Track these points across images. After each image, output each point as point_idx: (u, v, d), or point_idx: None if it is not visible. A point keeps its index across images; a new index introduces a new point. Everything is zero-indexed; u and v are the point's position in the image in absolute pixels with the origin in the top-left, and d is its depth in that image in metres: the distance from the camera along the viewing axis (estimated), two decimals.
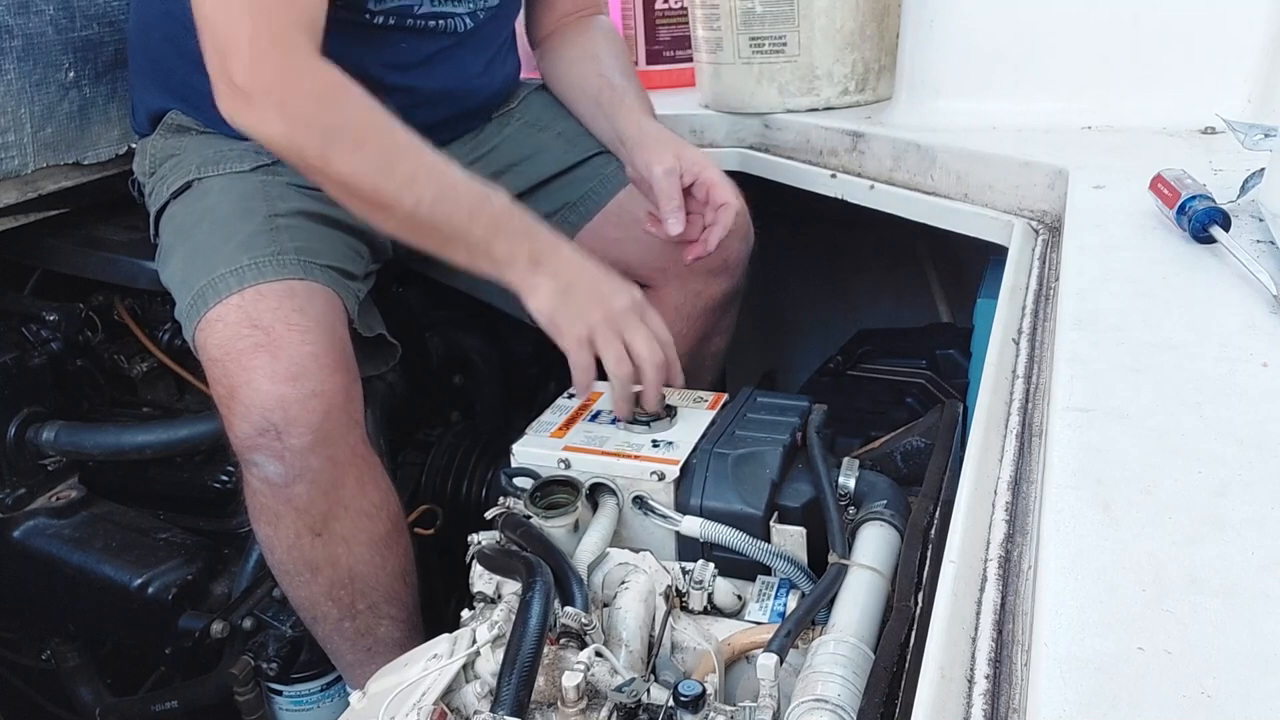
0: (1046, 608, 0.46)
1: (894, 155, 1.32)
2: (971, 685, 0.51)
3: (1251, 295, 0.75)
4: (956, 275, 1.89)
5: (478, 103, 1.33)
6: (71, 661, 1.39)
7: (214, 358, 1.01)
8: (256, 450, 0.99)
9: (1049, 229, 1.07)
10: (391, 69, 1.20)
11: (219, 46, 0.99)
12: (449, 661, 0.80)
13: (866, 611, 0.83)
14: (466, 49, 1.26)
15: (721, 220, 1.18)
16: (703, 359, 1.40)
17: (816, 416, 1.07)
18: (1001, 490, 0.65)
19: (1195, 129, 1.20)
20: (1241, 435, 0.57)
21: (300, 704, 1.28)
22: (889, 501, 0.96)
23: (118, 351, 1.45)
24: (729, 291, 1.35)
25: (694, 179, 1.17)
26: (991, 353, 0.84)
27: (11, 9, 1.24)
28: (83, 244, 1.39)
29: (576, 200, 1.32)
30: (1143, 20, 1.21)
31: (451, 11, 1.22)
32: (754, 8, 1.43)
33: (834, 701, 0.71)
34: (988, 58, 1.28)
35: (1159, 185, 0.91)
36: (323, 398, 0.99)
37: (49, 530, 1.30)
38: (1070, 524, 0.51)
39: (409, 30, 1.19)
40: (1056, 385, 0.65)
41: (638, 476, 0.97)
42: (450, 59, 1.25)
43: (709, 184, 1.17)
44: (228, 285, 1.03)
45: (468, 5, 1.23)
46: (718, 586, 0.92)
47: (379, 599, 1.11)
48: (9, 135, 1.26)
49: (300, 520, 1.04)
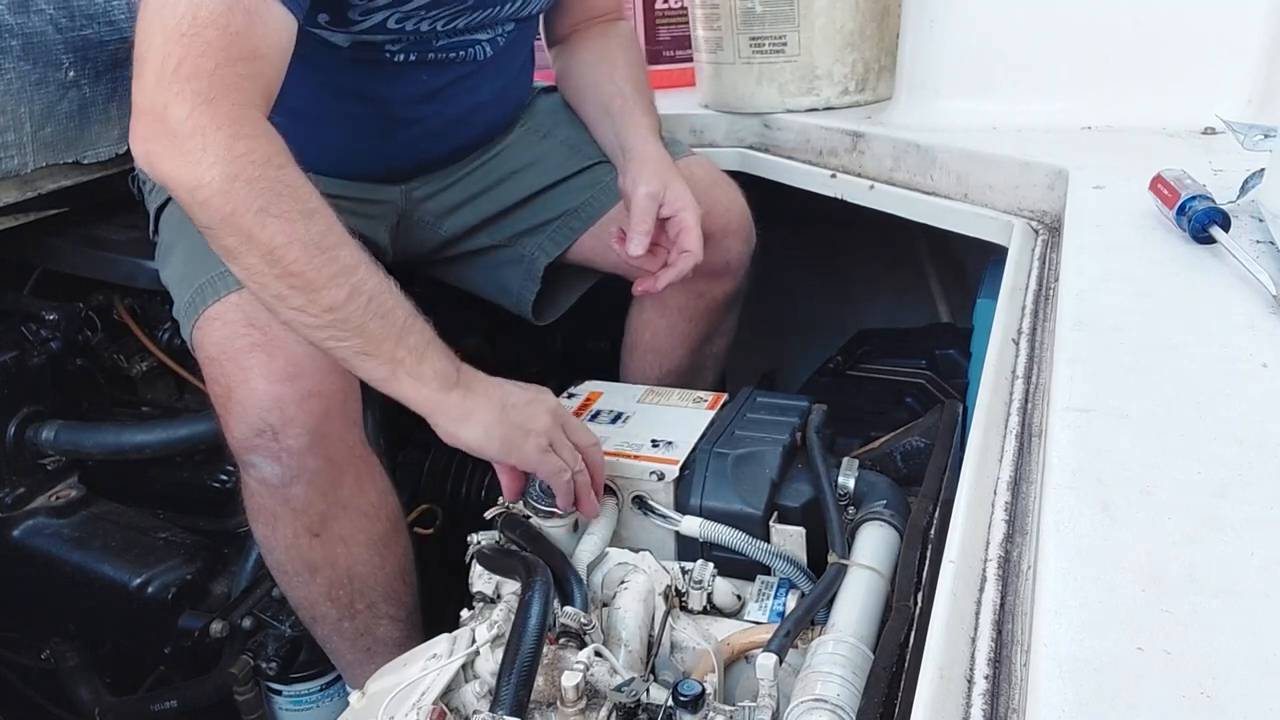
0: (1046, 608, 0.45)
1: (894, 155, 1.32)
2: (971, 685, 0.51)
3: (1251, 296, 0.75)
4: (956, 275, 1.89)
5: (488, 124, 1.32)
6: (71, 661, 1.39)
7: (211, 356, 1.01)
8: (254, 451, 0.99)
9: (1049, 229, 1.07)
10: (409, 103, 1.19)
11: (154, 71, 0.86)
12: (448, 661, 0.80)
13: (866, 611, 0.83)
14: (485, 74, 1.25)
15: (679, 266, 1.14)
16: (704, 360, 1.40)
17: (816, 416, 1.07)
18: (1001, 490, 0.65)
19: (1195, 129, 1.20)
20: (1241, 435, 0.57)
21: (299, 704, 1.28)
22: (889, 501, 0.96)
23: (117, 351, 1.45)
24: (731, 293, 1.35)
25: (672, 213, 1.14)
26: (991, 353, 0.84)
27: (11, 8, 1.24)
28: (82, 243, 1.39)
29: (577, 207, 1.31)
30: (1143, 21, 1.21)
31: (472, 40, 1.19)
32: (754, 8, 1.43)
33: (833, 701, 0.71)
34: (988, 58, 1.28)
35: (1159, 185, 0.91)
36: (320, 398, 0.99)
37: (48, 530, 1.30)
38: (1070, 524, 0.51)
39: (429, 64, 1.18)
40: (1056, 385, 0.65)
41: (637, 476, 0.97)
42: (468, 85, 1.23)
43: (682, 226, 1.14)
44: (226, 283, 1.02)
45: (489, 31, 1.20)
46: (717, 586, 0.92)
47: (378, 599, 1.11)
48: (8, 134, 1.26)
49: (298, 521, 1.04)
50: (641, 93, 1.29)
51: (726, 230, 1.29)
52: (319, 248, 0.87)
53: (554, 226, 1.32)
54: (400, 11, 1.08)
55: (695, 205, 1.15)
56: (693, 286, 1.31)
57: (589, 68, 1.33)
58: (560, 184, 1.33)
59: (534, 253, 1.32)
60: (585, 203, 1.32)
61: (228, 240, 0.87)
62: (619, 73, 1.30)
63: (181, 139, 0.84)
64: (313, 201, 0.88)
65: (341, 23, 1.07)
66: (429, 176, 1.31)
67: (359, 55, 1.13)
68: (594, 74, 1.32)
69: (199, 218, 0.87)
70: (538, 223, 1.32)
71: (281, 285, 0.87)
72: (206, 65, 0.85)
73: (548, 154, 1.35)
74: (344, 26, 1.08)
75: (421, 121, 1.22)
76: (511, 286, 1.35)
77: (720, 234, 1.28)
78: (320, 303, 0.87)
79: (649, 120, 1.26)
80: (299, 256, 0.86)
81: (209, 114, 0.84)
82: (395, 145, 1.22)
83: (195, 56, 0.85)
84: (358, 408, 1.05)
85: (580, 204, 1.32)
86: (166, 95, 0.84)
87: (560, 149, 1.35)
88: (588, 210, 1.31)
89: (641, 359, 1.38)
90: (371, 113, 1.18)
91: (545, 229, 1.32)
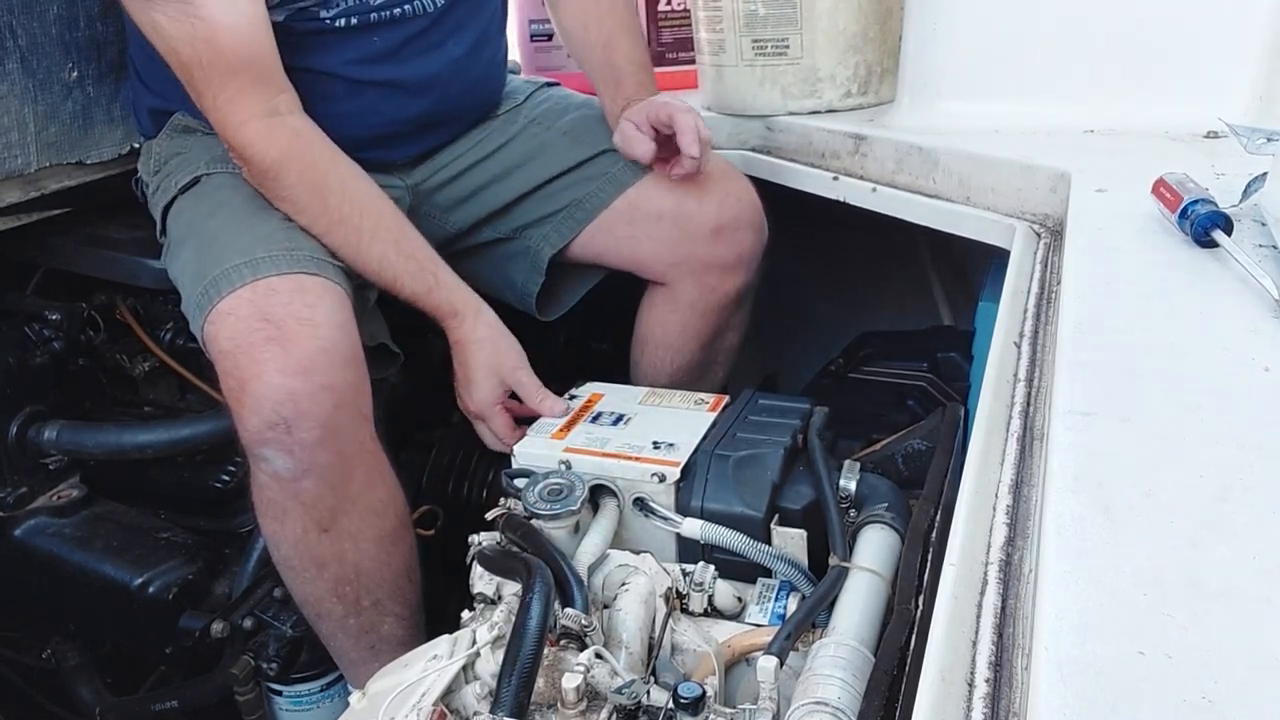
0: (1047, 611, 0.45)
1: (896, 158, 1.32)
2: (972, 689, 0.51)
3: (1253, 299, 0.75)
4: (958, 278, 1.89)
5: (467, 87, 1.31)
6: (72, 660, 1.39)
7: (224, 350, 1.01)
8: (266, 444, 0.99)
9: (1051, 232, 1.07)
10: (360, 64, 1.19)
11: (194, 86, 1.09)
12: (449, 662, 0.80)
13: (867, 614, 0.83)
14: (443, 30, 1.24)
15: (684, 162, 1.22)
16: (716, 354, 1.40)
17: (818, 419, 1.07)
18: (1002, 493, 0.65)
19: (1198, 133, 1.20)
20: (1243, 439, 0.57)
21: (300, 704, 1.28)
22: (890, 504, 0.96)
23: (120, 351, 1.45)
24: (742, 287, 1.34)
25: (666, 116, 1.21)
26: (993, 356, 0.84)
27: (16, 8, 1.24)
28: (85, 243, 1.40)
29: (583, 198, 1.32)
30: (1145, 24, 1.20)
31: None
32: (757, 10, 1.43)
33: (834, 704, 0.71)
34: (990, 60, 1.28)
35: (1161, 189, 0.91)
36: (332, 392, 0.99)
37: (50, 529, 1.30)
38: (1071, 528, 0.51)
39: (373, 26, 1.18)
40: (1058, 389, 0.65)
41: (638, 478, 0.97)
42: (426, 44, 1.23)
43: (677, 126, 1.21)
44: (240, 275, 1.03)
45: None
46: (718, 588, 0.92)
47: (384, 596, 1.11)
48: (13, 134, 1.26)
49: (308, 515, 1.04)
50: (626, 29, 1.34)
51: (739, 222, 1.29)
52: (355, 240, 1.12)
53: (559, 218, 1.32)
54: None
55: (686, 106, 1.22)
56: (704, 281, 1.31)
57: (578, 15, 1.35)
58: (564, 175, 1.33)
59: (539, 244, 1.33)
60: (590, 194, 1.32)
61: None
62: (619, 11, 1.34)
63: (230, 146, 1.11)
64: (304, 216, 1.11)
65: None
66: (430, 163, 1.32)
67: (300, 27, 1.13)
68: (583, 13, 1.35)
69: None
70: (543, 214, 1.32)
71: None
72: (209, 102, 1.08)
73: (550, 145, 1.35)
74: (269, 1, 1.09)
75: (384, 84, 1.21)
76: (516, 279, 1.35)
77: (732, 226, 1.28)
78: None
79: (638, 56, 1.33)
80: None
81: (228, 143, 1.11)
82: (370, 111, 1.22)
83: (200, 98, 1.08)
84: (368, 403, 1.05)
85: (585, 195, 1.32)
86: (211, 120, 1.10)
87: (563, 140, 1.35)
88: (592, 201, 1.31)
89: (653, 354, 1.38)
90: (332, 81, 1.18)
91: (550, 220, 1.32)
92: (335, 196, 1.11)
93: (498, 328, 1.18)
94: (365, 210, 1.13)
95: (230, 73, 1.05)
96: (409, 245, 1.15)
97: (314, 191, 1.10)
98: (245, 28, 1.05)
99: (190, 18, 1.02)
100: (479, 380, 1.15)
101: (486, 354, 1.15)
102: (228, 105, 1.07)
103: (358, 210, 1.12)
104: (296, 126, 1.11)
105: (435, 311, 1.16)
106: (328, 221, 1.11)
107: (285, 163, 1.09)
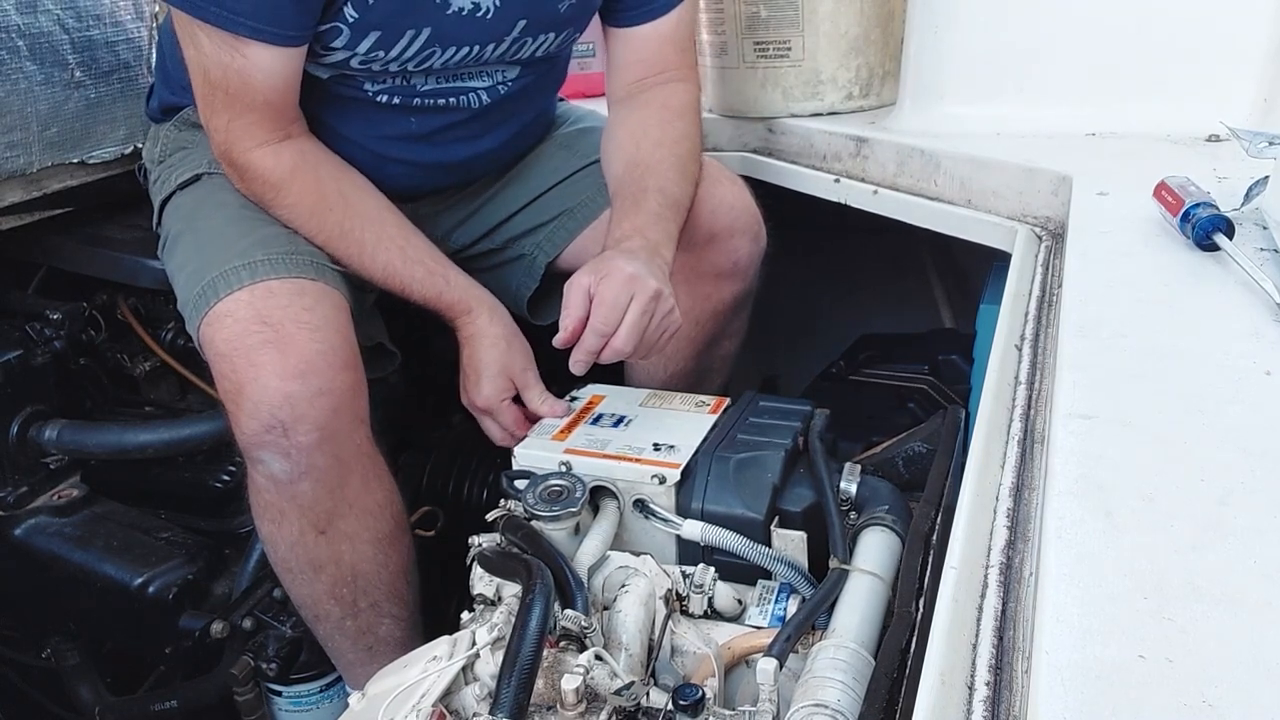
0: (1047, 614, 0.45)
1: (898, 160, 1.32)
2: (972, 692, 0.51)
3: (1255, 303, 0.75)
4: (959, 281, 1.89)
5: (488, 166, 1.31)
6: (71, 660, 1.39)
7: (222, 353, 1.01)
8: (263, 447, 0.99)
9: (1052, 235, 1.07)
10: (391, 140, 1.19)
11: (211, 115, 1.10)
12: (448, 663, 0.80)
13: (867, 617, 0.83)
14: (485, 123, 1.23)
15: (585, 344, 1.04)
16: (711, 362, 1.39)
17: (818, 421, 1.06)
18: (1003, 496, 0.65)
19: (1199, 136, 1.20)
20: (1244, 443, 0.57)
21: (299, 704, 1.28)
22: (890, 507, 0.95)
23: (121, 350, 1.45)
24: (739, 294, 1.32)
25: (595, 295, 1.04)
26: (994, 359, 0.84)
27: (18, 8, 1.24)
28: (87, 242, 1.40)
29: (574, 207, 1.31)
30: (1147, 27, 1.21)
31: (465, 88, 1.17)
32: (759, 13, 1.43)
33: (834, 707, 0.71)
34: (992, 63, 1.28)
35: (1163, 192, 0.91)
36: (330, 395, 0.99)
37: (50, 529, 1.30)
38: (1072, 531, 0.51)
39: (415, 109, 1.18)
40: (1059, 392, 0.65)
41: (639, 480, 0.97)
42: (463, 134, 1.22)
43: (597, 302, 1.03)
44: (239, 278, 1.03)
45: (487, 79, 1.19)
46: (718, 590, 0.91)
47: (381, 597, 1.11)
48: (15, 134, 1.26)
49: (304, 518, 1.04)
50: (656, 172, 1.18)
51: (733, 229, 1.26)
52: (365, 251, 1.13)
53: (551, 227, 1.32)
54: (360, 55, 1.08)
55: (622, 298, 1.02)
56: (700, 289, 1.29)
57: (617, 140, 1.25)
58: (557, 186, 1.33)
59: (533, 252, 1.33)
60: (582, 202, 1.31)
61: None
62: (643, 149, 1.20)
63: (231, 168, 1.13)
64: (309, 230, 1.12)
65: (311, 54, 1.08)
66: (436, 197, 1.32)
67: (340, 91, 1.14)
68: (619, 148, 1.23)
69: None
70: (537, 224, 1.32)
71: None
72: (219, 123, 1.09)
73: (544, 155, 1.35)
74: (314, 58, 1.09)
75: (409, 162, 1.22)
76: (511, 284, 1.35)
77: (726, 233, 1.25)
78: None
79: (646, 208, 1.15)
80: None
81: (230, 162, 1.11)
82: (384, 178, 1.20)
83: (212, 116, 1.09)
84: (365, 406, 1.05)
85: (577, 204, 1.31)
86: (214, 137, 1.11)
87: (557, 150, 1.35)
88: (585, 210, 1.31)
89: (647, 361, 1.38)
90: (355, 147, 1.18)
91: (543, 229, 1.32)
92: (336, 212, 1.12)
93: (510, 326, 1.18)
94: (367, 222, 1.13)
95: (251, 106, 1.07)
96: (415, 251, 1.15)
97: (311, 212, 1.11)
98: (280, 77, 1.06)
99: (233, 50, 1.03)
100: (489, 376, 1.15)
101: (500, 350, 1.15)
102: (241, 131, 1.08)
103: (359, 223, 1.12)
104: (304, 148, 1.12)
105: (449, 311, 1.16)
106: (326, 236, 1.12)
107: (287, 183, 1.10)
